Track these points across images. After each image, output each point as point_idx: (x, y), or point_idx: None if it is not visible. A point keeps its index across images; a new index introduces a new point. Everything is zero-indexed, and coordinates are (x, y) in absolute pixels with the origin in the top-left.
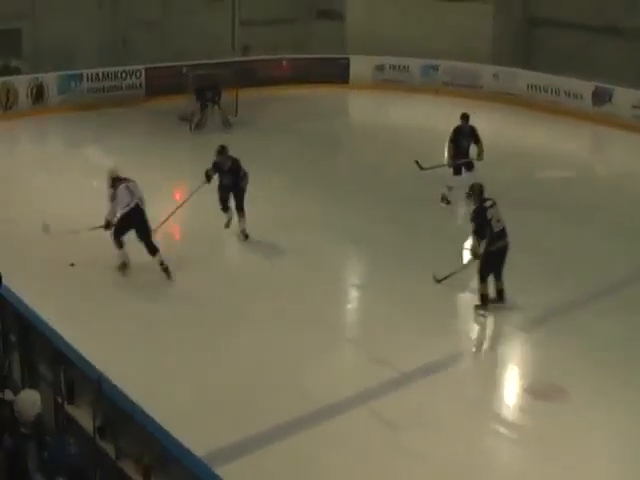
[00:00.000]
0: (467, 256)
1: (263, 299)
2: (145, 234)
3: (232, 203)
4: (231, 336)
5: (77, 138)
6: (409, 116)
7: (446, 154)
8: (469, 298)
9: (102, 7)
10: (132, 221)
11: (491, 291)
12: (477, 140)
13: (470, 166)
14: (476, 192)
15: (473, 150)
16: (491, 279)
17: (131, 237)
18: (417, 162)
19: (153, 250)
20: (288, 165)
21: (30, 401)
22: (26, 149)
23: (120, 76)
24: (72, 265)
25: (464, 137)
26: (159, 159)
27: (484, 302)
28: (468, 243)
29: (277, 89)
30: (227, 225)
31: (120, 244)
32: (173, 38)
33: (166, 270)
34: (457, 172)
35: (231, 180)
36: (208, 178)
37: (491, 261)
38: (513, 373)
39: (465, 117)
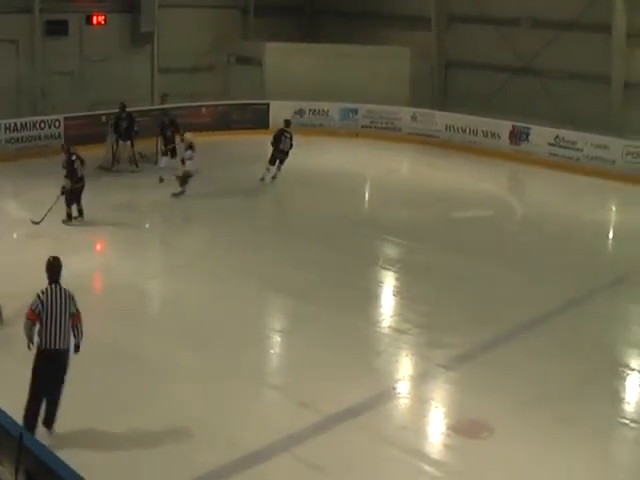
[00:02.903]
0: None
1: (185, 349)
2: None
3: None
4: (155, 387)
5: None
6: (329, 160)
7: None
8: (390, 337)
9: (20, 57)
10: None
11: None
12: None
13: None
14: (65, 149)
15: None
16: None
17: None
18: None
19: None
20: (208, 213)
21: None
22: None
23: (39, 126)
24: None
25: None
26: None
27: (69, 218)
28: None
29: (197, 136)
30: None
31: None
32: (92, 87)
33: None
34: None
35: None
36: None
37: (75, 194)
38: (437, 411)
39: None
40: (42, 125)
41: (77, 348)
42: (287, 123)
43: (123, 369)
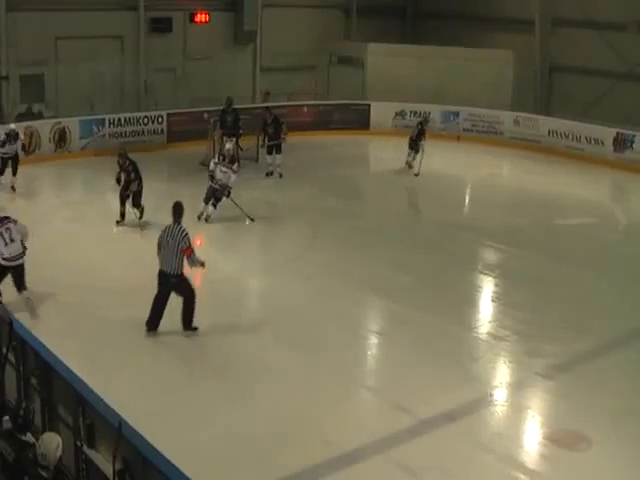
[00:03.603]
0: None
1: (281, 347)
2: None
3: None
4: (251, 385)
5: (98, 183)
6: (430, 162)
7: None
8: (488, 343)
9: (125, 53)
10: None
11: None
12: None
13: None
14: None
15: None
16: None
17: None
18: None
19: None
20: (308, 211)
21: (54, 443)
22: (48, 194)
23: (142, 121)
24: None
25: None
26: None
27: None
28: None
29: (298, 135)
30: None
31: None
32: (194, 84)
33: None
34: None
35: None
36: None
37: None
38: (534, 419)
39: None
40: (145, 120)
41: (202, 265)
42: (425, 121)
43: (217, 365)
